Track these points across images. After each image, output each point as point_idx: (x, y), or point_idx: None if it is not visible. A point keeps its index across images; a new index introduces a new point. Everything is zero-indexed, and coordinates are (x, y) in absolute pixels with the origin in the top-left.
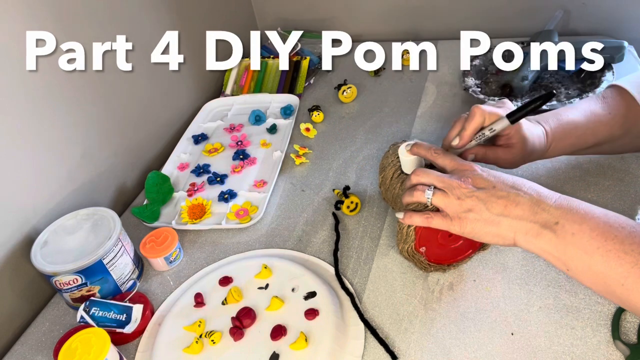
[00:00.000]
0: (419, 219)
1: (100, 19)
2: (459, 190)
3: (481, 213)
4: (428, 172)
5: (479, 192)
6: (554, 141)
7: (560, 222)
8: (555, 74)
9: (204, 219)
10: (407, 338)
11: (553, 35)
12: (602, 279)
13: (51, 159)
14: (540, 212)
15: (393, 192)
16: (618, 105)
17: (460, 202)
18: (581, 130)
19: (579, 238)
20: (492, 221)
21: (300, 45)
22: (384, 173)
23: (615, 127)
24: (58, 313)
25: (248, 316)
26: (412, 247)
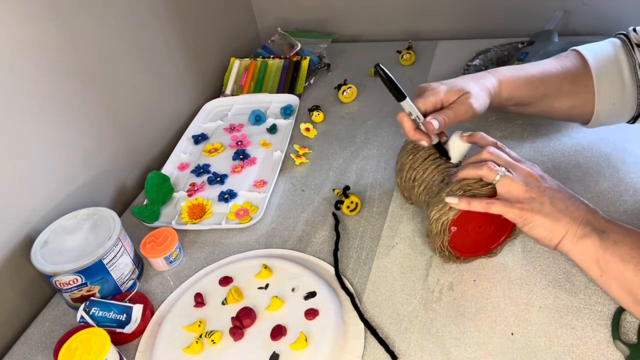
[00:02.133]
0: (478, 204)
1: (101, 19)
2: (530, 179)
3: (544, 205)
4: (501, 153)
5: (546, 185)
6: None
7: (607, 231)
8: None
9: (204, 219)
10: (407, 338)
11: (553, 35)
12: (630, 288)
13: (51, 159)
14: (593, 219)
15: (423, 174)
16: (571, 65)
17: (527, 189)
18: (532, 77)
19: (620, 247)
20: (553, 216)
21: (300, 45)
22: (415, 154)
23: (565, 81)
24: (58, 313)
25: (248, 316)
26: (449, 222)
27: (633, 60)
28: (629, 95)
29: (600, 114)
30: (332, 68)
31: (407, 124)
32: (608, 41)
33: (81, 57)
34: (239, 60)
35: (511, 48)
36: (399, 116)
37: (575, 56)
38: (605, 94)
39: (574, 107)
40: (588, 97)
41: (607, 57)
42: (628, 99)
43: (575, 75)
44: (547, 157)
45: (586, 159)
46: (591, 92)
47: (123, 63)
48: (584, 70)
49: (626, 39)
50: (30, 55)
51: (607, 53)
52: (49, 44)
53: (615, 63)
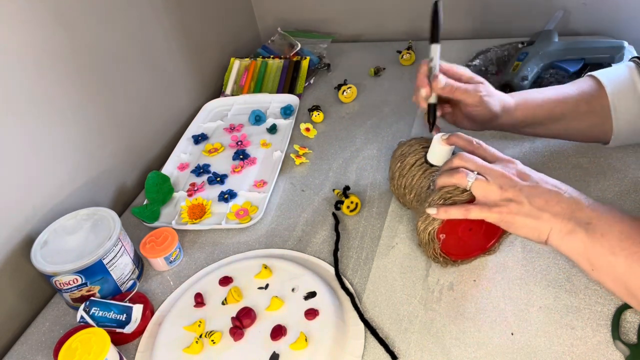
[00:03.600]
0: (456, 211)
1: (101, 19)
2: (503, 180)
3: (523, 205)
4: (473, 158)
5: (523, 183)
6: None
7: (592, 223)
8: (556, 74)
9: (204, 219)
10: (407, 338)
11: (553, 35)
12: (624, 281)
13: (51, 159)
14: (577, 211)
15: (412, 180)
16: (587, 87)
17: (503, 191)
18: (548, 99)
19: (608, 239)
20: (533, 215)
21: (300, 45)
22: (403, 160)
23: (582, 102)
24: (58, 313)
25: (248, 316)
26: (435, 231)
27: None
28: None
29: (619, 133)
30: (332, 68)
31: (423, 68)
32: (622, 64)
33: (81, 57)
34: (239, 60)
35: (511, 48)
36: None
37: (590, 80)
38: (622, 112)
39: (593, 127)
40: (605, 117)
41: (621, 79)
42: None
43: (591, 95)
44: (547, 157)
45: (586, 159)
46: (608, 111)
47: (123, 63)
48: (599, 92)
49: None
50: (31, 56)
51: (622, 75)
52: (49, 44)
53: (629, 83)
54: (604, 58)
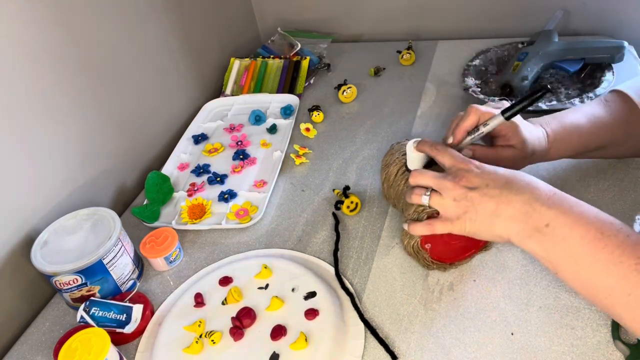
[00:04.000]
0: (421, 228)
1: (101, 19)
2: (454, 192)
3: (476, 214)
4: (424, 174)
5: (472, 192)
6: (555, 142)
7: (551, 225)
8: (556, 74)
9: (204, 219)
10: (407, 338)
11: (553, 35)
12: (589, 288)
13: (51, 159)
14: (531, 212)
15: (397, 189)
16: (620, 109)
17: (457, 203)
18: (583, 132)
19: (569, 244)
20: (486, 222)
21: (300, 45)
22: (387, 170)
23: (618, 130)
24: (58, 313)
25: (248, 316)
26: (418, 243)
27: None
28: None
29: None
30: (332, 68)
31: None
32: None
33: (81, 57)
34: (239, 60)
35: (511, 48)
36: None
37: (620, 97)
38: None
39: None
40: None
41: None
42: None
43: (627, 121)
44: None
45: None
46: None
47: (123, 63)
48: (632, 112)
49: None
50: (31, 56)
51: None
52: (49, 44)
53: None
54: (604, 58)
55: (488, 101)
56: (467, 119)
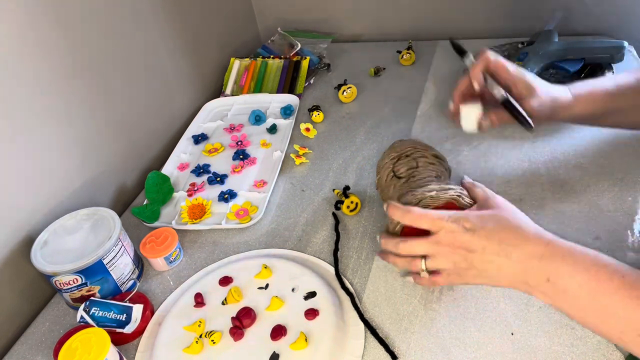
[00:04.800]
0: (425, 281)
1: (100, 19)
2: (452, 257)
3: (479, 272)
4: (414, 243)
5: (470, 255)
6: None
7: (551, 279)
8: (556, 74)
9: (204, 219)
10: (407, 338)
11: (553, 35)
12: (600, 331)
13: (51, 159)
14: (530, 269)
15: (387, 195)
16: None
17: (456, 265)
18: (609, 91)
19: (571, 294)
20: (492, 277)
21: (300, 45)
22: (379, 175)
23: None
24: (58, 313)
25: (248, 316)
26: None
27: None
28: None
29: None
30: (332, 68)
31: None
32: None
33: (81, 57)
34: (239, 60)
35: (511, 48)
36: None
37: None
38: None
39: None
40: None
41: None
42: None
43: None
44: (547, 156)
45: (586, 158)
46: None
47: (123, 63)
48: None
49: None
50: (30, 56)
51: None
52: (48, 44)
53: None
54: (604, 58)
55: None
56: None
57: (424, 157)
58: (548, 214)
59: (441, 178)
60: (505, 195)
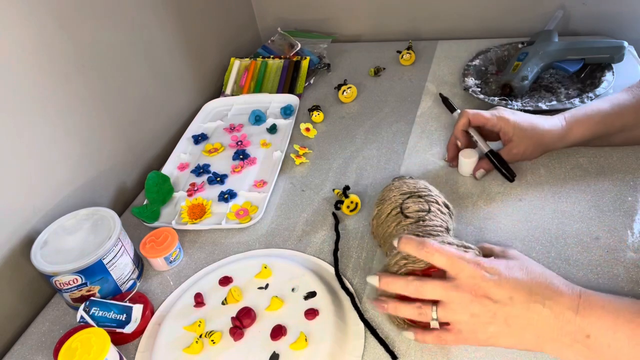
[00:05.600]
0: (430, 339)
1: (100, 19)
2: (472, 306)
3: (502, 328)
4: (428, 283)
5: (495, 306)
6: (574, 125)
7: (592, 335)
8: (555, 74)
9: (204, 219)
10: (407, 338)
11: (553, 35)
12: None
13: (51, 159)
14: (566, 325)
15: (385, 230)
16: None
17: (476, 319)
18: (605, 114)
19: (617, 349)
20: (516, 335)
21: (300, 45)
22: (381, 206)
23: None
24: (58, 313)
25: (248, 316)
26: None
27: None
28: None
29: None
30: (332, 68)
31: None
32: None
33: (81, 57)
34: (239, 60)
35: (511, 48)
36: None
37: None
38: None
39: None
40: None
41: None
42: None
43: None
44: (547, 156)
45: (586, 159)
46: None
47: (123, 63)
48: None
49: None
50: (30, 56)
51: None
52: (49, 44)
53: None
54: (604, 58)
55: (487, 100)
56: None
57: (437, 204)
58: (548, 214)
59: (448, 231)
60: (505, 196)
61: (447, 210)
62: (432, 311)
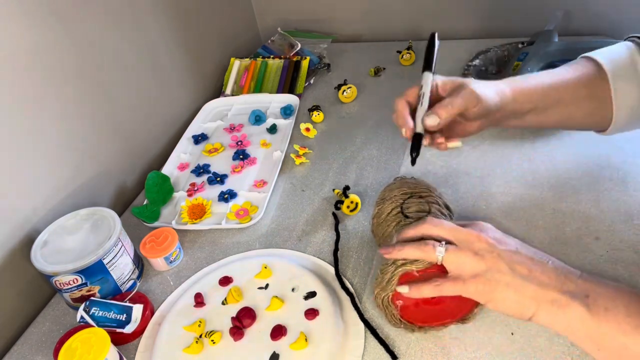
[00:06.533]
0: (427, 289)
1: (100, 19)
2: (479, 245)
3: (503, 274)
4: (441, 224)
5: (501, 248)
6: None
7: (591, 296)
8: None
9: (204, 219)
10: (407, 338)
11: (553, 35)
12: None
13: (51, 159)
14: (567, 282)
15: (385, 229)
16: (586, 69)
17: (479, 258)
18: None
19: (614, 315)
20: (515, 285)
21: (300, 45)
22: (382, 205)
23: (580, 85)
24: (58, 313)
25: (248, 316)
26: (390, 297)
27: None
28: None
29: (619, 119)
30: (332, 68)
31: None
32: (621, 44)
33: (81, 57)
34: (239, 60)
35: (511, 48)
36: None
37: (588, 61)
38: (623, 97)
39: (592, 114)
40: (605, 102)
41: (621, 60)
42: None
43: (591, 79)
44: (547, 156)
45: (586, 158)
46: (608, 95)
47: (123, 63)
48: (599, 74)
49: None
50: (31, 56)
51: (621, 55)
52: (49, 44)
53: (631, 65)
54: None
55: None
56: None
57: (437, 205)
58: (548, 214)
59: None
60: (505, 196)
61: (448, 212)
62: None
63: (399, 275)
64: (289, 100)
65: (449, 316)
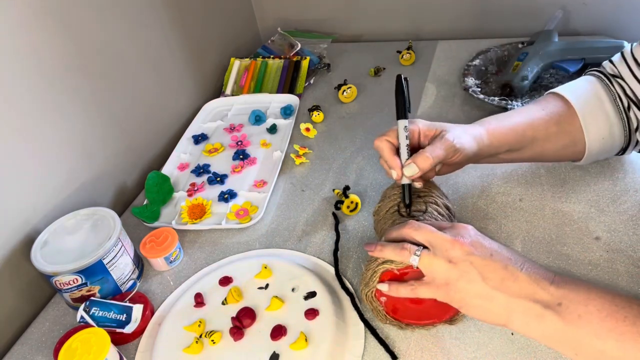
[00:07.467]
0: (404, 290)
1: (101, 19)
2: (453, 252)
3: (474, 284)
4: (421, 228)
5: (475, 256)
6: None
7: (563, 303)
8: (556, 74)
9: (204, 219)
10: (407, 338)
11: (553, 35)
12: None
13: (51, 159)
14: (539, 291)
15: (383, 227)
16: (555, 107)
17: (452, 266)
18: (520, 126)
19: (588, 321)
20: (485, 295)
21: (300, 45)
22: (382, 203)
23: (551, 123)
24: (58, 313)
25: (248, 316)
26: (373, 293)
27: (612, 92)
28: (616, 127)
29: (592, 151)
30: (332, 68)
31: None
32: (582, 79)
33: (81, 57)
34: (239, 60)
35: (511, 48)
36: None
37: (555, 98)
38: (593, 130)
39: (565, 147)
40: (576, 135)
41: (586, 94)
42: (615, 132)
43: (560, 116)
44: None
45: None
46: (579, 130)
47: (123, 63)
48: (567, 110)
49: (600, 74)
50: (31, 56)
51: (585, 90)
52: (49, 44)
53: (595, 99)
54: (604, 58)
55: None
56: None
57: (435, 204)
58: (548, 214)
59: None
60: (505, 196)
61: (447, 212)
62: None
63: (380, 272)
64: (289, 100)
65: (432, 317)
